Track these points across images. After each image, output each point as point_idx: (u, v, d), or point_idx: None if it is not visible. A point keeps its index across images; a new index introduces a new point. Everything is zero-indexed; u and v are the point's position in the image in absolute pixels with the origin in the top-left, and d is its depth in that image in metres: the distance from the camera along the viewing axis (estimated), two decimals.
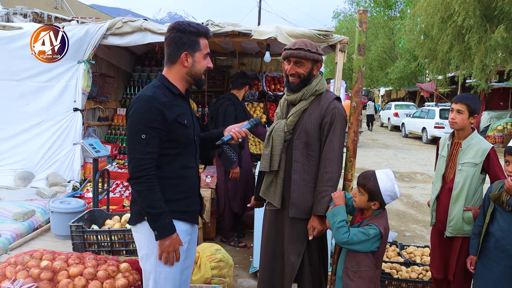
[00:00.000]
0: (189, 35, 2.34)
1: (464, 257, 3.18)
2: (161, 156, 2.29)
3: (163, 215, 2.24)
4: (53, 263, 2.95)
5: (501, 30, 13.49)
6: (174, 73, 2.39)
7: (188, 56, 2.35)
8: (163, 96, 2.29)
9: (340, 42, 5.05)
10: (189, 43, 2.34)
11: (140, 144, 2.22)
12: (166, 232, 2.26)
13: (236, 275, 4.45)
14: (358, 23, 2.90)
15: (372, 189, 2.59)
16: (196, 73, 2.41)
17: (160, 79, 2.41)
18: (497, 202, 2.81)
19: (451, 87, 24.69)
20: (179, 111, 2.35)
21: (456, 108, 3.26)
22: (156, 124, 2.23)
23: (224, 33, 5.15)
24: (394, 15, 32.94)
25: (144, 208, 2.25)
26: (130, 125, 2.27)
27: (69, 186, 5.03)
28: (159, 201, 2.24)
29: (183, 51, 2.34)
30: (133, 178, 2.24)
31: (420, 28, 19.38)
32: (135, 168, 2.22)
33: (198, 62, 2.39)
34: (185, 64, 2.37)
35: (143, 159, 2.22)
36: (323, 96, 2.86)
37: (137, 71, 7.28)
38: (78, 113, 5.23)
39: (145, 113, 2.23)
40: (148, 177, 2.21)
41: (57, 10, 15.97)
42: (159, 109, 2.24)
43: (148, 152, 2.22)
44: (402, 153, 15.66)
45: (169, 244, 2.27)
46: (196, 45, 2.36)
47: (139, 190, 2.24)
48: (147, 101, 2.25)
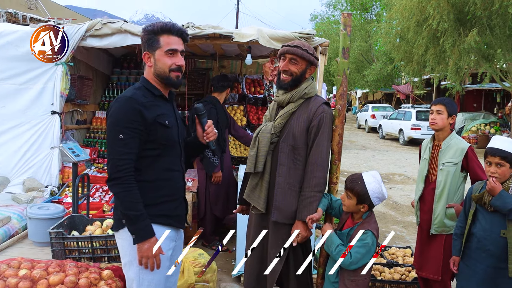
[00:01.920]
0: (148, 35, 2.32)
1: (447, 254, 3.25)
2: (141, 158, 2.26)
3: (141, 218, 2.19)
4: (32, 272, 2.86)
5: (474, 34, 13.82)
6: (148, 75, 2.38)
7: (150, 56, 2.34)
8: (142, 97, 2.27)
9: (321, 45, 5.08)
10: (148, 42, 2.32)
11: (118, 145, 2.18)
12: (144, 235, 2.21)
13: (219, 279, 4.41)
14: (342, 26, 2.89)
15: (361, 192, 2.59)
16: (159, 72, 2.33)
17: (141, 81, 2.39)
18: (479, 202, 2.86)
19: (426, 89, 25.14)
20: (159, 112, 2.31)
21: (436, 109, 3.40)
22: (134, 124, 2.20)
23: (205, 35, 5.11)
24: (370, 18, 33.40)
25: (121, 210, 2.21)
26: (109, 126, 2.24)
27: (47, 191, 4.91)
28: (137, 203, 2.19)
29: (144, 51, 2.34)
30: (111, 179, 2.20)
31: (396, 31, 19.70)
32: (113, 169, 2.19)
33: (158, 60, 2.32)
34: (149, 64, 2.35)
35: (120, 160, 2.18)
36: (312, 100, 2.84)
37: (116, 73, 7.17)
38: (56, 116, 5.12)
39: (123, 114, 2.20)
40: (125, 178, 2.17)
41: (31, 10, 15.63)
42: (137, 109, 2.21)
43: (125, 152, 2.19)
44: (380, 154, 15.85)
45: (148, 248, 2.21)
46: (155, 43, 2.31)
47: (117, 191, 2.20)
48: (125, 102, 2.23)
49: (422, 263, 3.53)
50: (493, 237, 2.79)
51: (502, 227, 2.75)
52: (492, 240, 2.79)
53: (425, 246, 3.50)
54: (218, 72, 7.22)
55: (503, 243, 2.75)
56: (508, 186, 2.76)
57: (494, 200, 2.73)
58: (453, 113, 3.38)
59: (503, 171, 2.75)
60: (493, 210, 2.78)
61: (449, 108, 3.35)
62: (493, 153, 2.78)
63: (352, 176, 2.68)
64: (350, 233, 2.67)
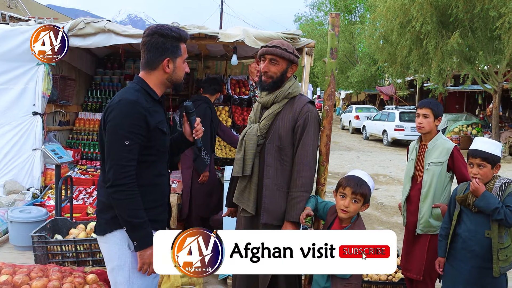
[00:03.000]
0: (172, 41, 2.27)
1: (432, 254, 3.27)
2: (138, 164, 2.19)
3: (144, 225, 2.15)
4: (14, 277, 2.79)
5: (456, 36, 14.01)
6: (154, 79, 2.31)
7: (170, 62, 2.28)
8: (145, 102, 2.21)
9: (307, 45, 5.08)
10: (171, 48, 2.27)
11: (123, 151, 2.12)
12: (147, 242, 2.16)
13: (205, 281, 4.37)
14: (330, 26, 2.89)
15: (368, 193, 2.57)
16: (177, 79, 2.35)
17: (139, 82, 2.31)
18: (464, 204, 2.89)
19: (409, 91, 25.40)
20: (159, 118, 2.29)
21: (422, 113, 3.40)
22: (139, 130, 2.15)
23: (190, 35, 5.06)
24: (354, 20, 33.64)
25: (125, 218, 2.14)
26: (112, 130, 2.15)
27: (29, 194, 4.81)
28: (140, 210, 2.15)
29: (166, 57, 2.27)
30: (114, 185, 2.12)
31: (380, 33, 19.87)
32: (117, 175, 2.11)
33: (179, 68, 2.32)
34: (167, 70, 2.29)
35: (126, 166, 2.12)
36: (297, 100, 2.82)
37: (99, 73, 7.06)
38: (38, 117, 5.03)
39: (129, 118, 2.14)
40: (130, 185, 2.12)
41: (10, 9, 15.38)
42: (142, 114, 2.16)
43: (130, 159, 2.13)
44: (364, 155, 15.95)
45: (150, 255, 2.16)
46: (178, 50, 2.30)
47: (120, 198, 2.13)
48: (130, 105, 2.16)
49: (407, 264, 3.54)
50: (478, 238, 2.82)
51: (486, 228, 2.79)
52: (477, 240, 2.82)
53: (411, 246, 3.51)
54: (203, 73, 7.18)
55: (488, 243, 2.79)
56: (491, 186, 2.80)
57: (478, 201, 2.77)
58: (439, 115, 3.40)
59: (484, 172, 2.80)
60: (477, 211, 2.82)
61: (435, 111, 3.37)
62: (475, 155, 2.83)
63: (353, 179, 2.59)
64: None
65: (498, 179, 2.83)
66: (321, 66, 31.96)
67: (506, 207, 2.71)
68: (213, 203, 5.23)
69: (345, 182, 2.59)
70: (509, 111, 19.56)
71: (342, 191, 2.59)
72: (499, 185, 2.80)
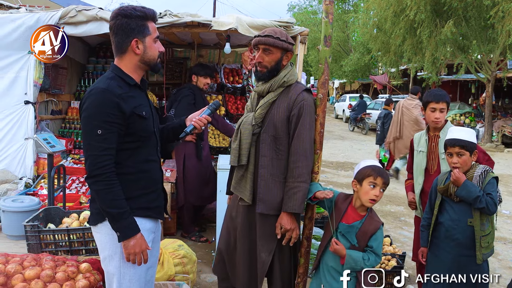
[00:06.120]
0: (136, 20, 2.19)
1: None
2: (120, 152, 2.17)
3: (124, 215, 2.12)
4: (6, 267, 2.78)
5: (450, 25, 14.01)
6: (127, 63, 2.25)
7: (139, 43, 2.22)
8: (118, 88, 2.16)
9: (300, 33, 5.06)
10: (138, 28, 2.20)
11: (97, 140, 2.09)
12: (129, 232, 2.14)
13: (199, 270, 4.39)
14: (324, 14, 2.86)
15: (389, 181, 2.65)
16: (150, 59, 2.27)
17: (113, 69, 2.26)
18: (445, 194, 2.91)
19: (403, 80, 25.45)
20: (136, 103, 2.23)
21: (439, 107, 3.39)
22: (112, 118, 2.11)
23: (183, 23, 5.02)
24: (348, 9, 33.52)
25: (104, 209, 2.12)
26: (85, 121, 2.13)
27: (21, 183, 4.78)
28: (120, 200, 2.12)
29: (133, 38, 2.20)
30: (90, 177, 2.11)
31: (374, 22, 19.80)
32: (92, 166, 2.09)
33: (149, 48, 2.25)
34: (137, 52, 2.23)
35: (100, 156, 2.09)
36: (292, 88, 2.78)
37: (92, 62, 7.00)
38: (30, 106, 4.97)
39: (100, 107, 2.10)
40: (106, 175, 2.09)
41: None
42: (114, 101, 2.11)
43: (105, 148, 2.09)
44: (358, 144, 16.00)
45: (134, 245, 2.15)
46: (145, 29, 2.22)
47: (97, 189, 2.11)
48: (101, 94, 2.12)
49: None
50: (461, 226, 2.85)
51: (469, 216, 2.82)
52: (460, 229, 2.85)
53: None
54: (196, 61, 7.13)
55: (470, 231, 2.82)
56: (472, 175, 2.83)
57: (459, 191, 2.79)
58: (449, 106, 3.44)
59: (464, 160, 2.82)
60: (459, 200, 2.84)
61: (448, 103, 3.41)
62: (452, 144, 2.84)
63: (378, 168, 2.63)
64: (358, 226, 2.62)
65: (478, 168, 2.86)
66: (314, 55, 31.91)
67: (487, 195, 2.74)
68: (207, 192, 5.22)
69: (376, 173, 2.60)
70: (502, 100, 19.63)
71: (373, 181, 2.59)
72: (479, 173, 2.82)
